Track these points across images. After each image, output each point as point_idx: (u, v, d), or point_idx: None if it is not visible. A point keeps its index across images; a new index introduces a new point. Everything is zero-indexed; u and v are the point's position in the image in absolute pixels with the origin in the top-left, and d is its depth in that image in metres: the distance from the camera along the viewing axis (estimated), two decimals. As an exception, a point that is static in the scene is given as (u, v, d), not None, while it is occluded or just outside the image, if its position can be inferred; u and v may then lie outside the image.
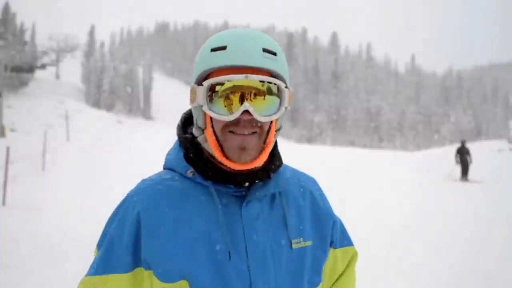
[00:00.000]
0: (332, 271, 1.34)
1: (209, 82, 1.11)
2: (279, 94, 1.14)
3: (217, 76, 1.12)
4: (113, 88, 62.88)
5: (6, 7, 46.87)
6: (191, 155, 1.20)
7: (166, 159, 1.26)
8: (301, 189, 1.31)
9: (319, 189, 1.36)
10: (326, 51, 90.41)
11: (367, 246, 6.72)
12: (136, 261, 1.14)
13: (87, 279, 1.17)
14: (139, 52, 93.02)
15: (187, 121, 1.29)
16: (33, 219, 8.10)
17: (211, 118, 1.14)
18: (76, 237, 6.88)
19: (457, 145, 19.15)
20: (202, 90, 1.12)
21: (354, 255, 1.39)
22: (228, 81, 1.09)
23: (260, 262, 1.15)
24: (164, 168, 1.26)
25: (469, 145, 19.85)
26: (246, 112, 1.09)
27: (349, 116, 71.03)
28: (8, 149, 10.53)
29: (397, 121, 72.55)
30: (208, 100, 1.12)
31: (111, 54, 70.56)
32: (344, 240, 1.38)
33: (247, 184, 1.17)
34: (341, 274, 1.36)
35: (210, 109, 1.12)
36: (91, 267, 1.18)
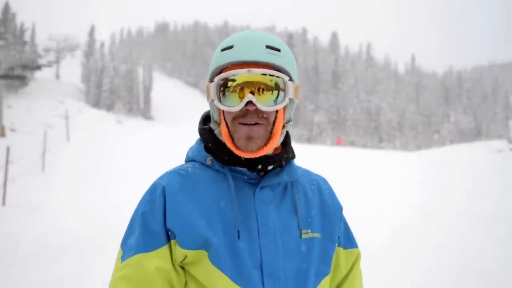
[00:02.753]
0: (334, 270, 1.39)
1: (218, 78, 1.24)
2: (284, 87, 1.23)
3: (225, 72, 1.25)
4: (113, 88, 62.86)
5: (6, 7, 46.85)
6: (209, 144, 1.30)
7: (188, 152, 1.38)
8: (312, 186, 1.39)
9: (329, 188, 1.44)
10: (326, 51, 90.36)
11: (367, 246, 6.72)
12: (170, 234, 1.23)
13: (131, 259, 1.20)
14: (139, 52, 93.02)
15: (207, 118, 1.40)
16: (33, 219, 8.10)
17: (223, 112, 1.26)
18: (76, 237, 6.88)
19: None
20: (213, 86, 1.25)
21: (358, 256, 1.45)
22: (232, 75, 1.21)
23: (270, 243, 1.23)
24: (186, 161, 1.37)
25: (469, 145, 19.85)
26: (251, 103, 1.20)
27: (349, 116, 71.02)
28: (8, 149, 10.53)
29: (397, 121, 72.52)
30: (220, 95, 1.24)
31: (111, 54, 70.49)
32: (348, 241, 1.44)
33: (260, 166, 1.26)
34: (347, 275, 1.42)
35: (220, 102, 1.24)
36: (129, 249, 1.22)
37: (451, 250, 6.64)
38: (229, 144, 1.24)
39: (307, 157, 19.76)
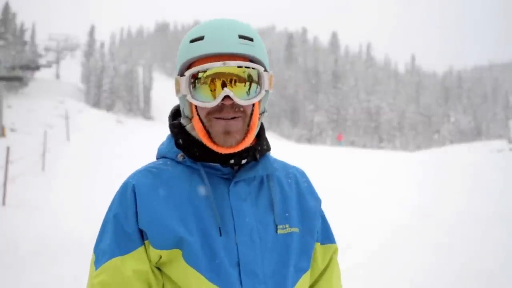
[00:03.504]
0: (311, 266, 1.34)
1: (190, 71, 1.17)
2: (258, 78, 1.19)
3: (197, 65, 1.18)
4: (113, 88, 62.84)
5: (6, 7, 46.84)
6: (180, 140, 1.25)
7: (158, 149, 1.32)
8: (289, 180, 1.35)
9: (307, 181, 1.39)
10: (326, 51, 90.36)
11: (367, 246, 6.72)
12: (143, 234, 1.18)
13: (107, 264, 1.15)
14: (139, 52, 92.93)
15: (177, 112, 1.34)
16: (33, 219, 8.10)
17: (196, 106, 1.20)
18: (76, 237, 6.88)
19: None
20: (184, 80, 1.19)
21: (335, 252, 1.40)
22: (207, 69, 1.15)
23: (247, 240, 1.19)
24: (156, 158, 1.32)
25: (469, 145, 19.81)
26: (228, 97, 1.15)
27: (349, 116, 70.98)
28: (8, 149, 10.53)
29: (397, 121, 72.49)
30: (191, 88, 1.18)
31: (111, 54, 70.48)
32: (326, 237, 1.39)
33: (232, 161, 1.21)
34: (324, 271, 1.38)
35: (193, 97, 1.18)
36: (103, 253, 1.17)
37: (451, 250, 6.64)
38: (206, 140, 1.19)
39: (307, 157, 19.76)
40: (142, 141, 23.89)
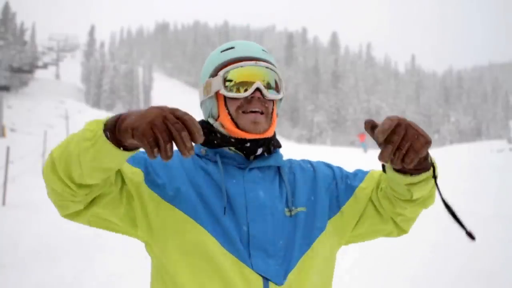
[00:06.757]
0: (353, 211, 1.43)
1: (224, 70, 1.33)
2: (278, 84, 1.38)
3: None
4: (113, 88, 62.89)
5: (6, 7, 46.87)
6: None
7: None
8: (300, 166, 1.47)
9: (311, 162, 1.51)
10: (326, 51, 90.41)
11: (366, 245, 6.72)
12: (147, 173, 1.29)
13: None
14: (139, 52, 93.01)
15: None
16: (33, 219, 8.11)
17: (225, 103, 1.34)
18: (76, 237, 6.88)
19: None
20: (218, 78, 1.33)
21: (372, 171, 1.54)
22: (241, 67, 1.32)
23: (259, 218, 1.29)
24: None
25: (469, 145, 19.77)
26: (257, 91, 1.31)
27: (349, 116, 71.02)
28: (8, 149, 10.54)
29: (397, 121, 72.49)
30: (225, 84, 1.33)
31: (111, 54, 70.56)
32: (359, 174, 1.51)
33: (248, 144, 1.33)
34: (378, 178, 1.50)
35: (227, 91, 1.32)
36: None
37: (451, 250, 6.64)
38: (233, 129, 1.32)
39: (307, 157, 19.74)
40: (142, 141, 23.87)
